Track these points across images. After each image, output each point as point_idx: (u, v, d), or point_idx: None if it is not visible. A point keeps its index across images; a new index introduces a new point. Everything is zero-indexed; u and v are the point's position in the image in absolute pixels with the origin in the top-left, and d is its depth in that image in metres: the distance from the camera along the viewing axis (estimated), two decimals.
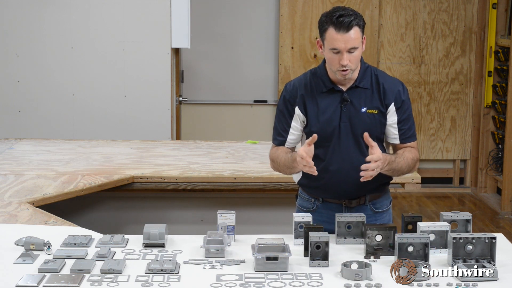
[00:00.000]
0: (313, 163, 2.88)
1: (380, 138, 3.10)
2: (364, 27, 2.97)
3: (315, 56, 7.19)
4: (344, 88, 3.05)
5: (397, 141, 3.09)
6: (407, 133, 3.09)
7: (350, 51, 2.92)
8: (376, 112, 3.04)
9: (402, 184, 4.30)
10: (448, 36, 7.32)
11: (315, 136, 2.91)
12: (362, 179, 2.89)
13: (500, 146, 7.17)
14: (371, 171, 2.87)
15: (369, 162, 2.87)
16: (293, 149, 3.18)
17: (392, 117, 3.06)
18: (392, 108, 3.05)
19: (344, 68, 2.94)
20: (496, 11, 7.10)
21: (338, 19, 2.90)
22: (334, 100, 3.05)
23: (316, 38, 7.13)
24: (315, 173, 2.89)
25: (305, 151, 2.89)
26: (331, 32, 2.92)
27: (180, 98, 6.49)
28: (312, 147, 2.91)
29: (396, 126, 3.07)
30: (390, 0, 7.23)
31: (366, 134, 2.91)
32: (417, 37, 7.31)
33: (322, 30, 2.96)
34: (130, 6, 5.82)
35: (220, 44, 7.29)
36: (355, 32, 2.91)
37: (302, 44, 7.19)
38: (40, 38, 5.82)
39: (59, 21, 5.81)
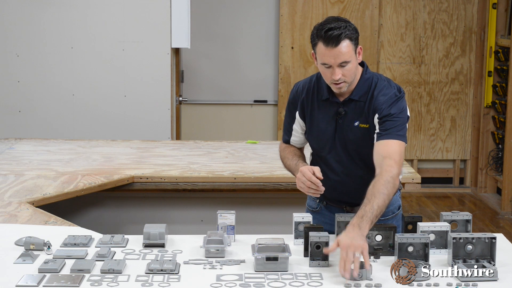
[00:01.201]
0: (322, 188, 2.85)
1: (371, 153, 2.93)
2: (357, 39, 2.84)
3: None
4: (341, 99, 2.98)
5: (375, 140, 2.88)
6: (385, 128, 2.85)
7: (341, 65, 2.83)
8: (367, 126, 2.94)
9: (402, 184, 4.30)
10: (448, 36, 7.32)
11: (320, 177, 2.85)
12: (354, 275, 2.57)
13: (500, 146, 7.17)
14: (351, 266, 2.56)
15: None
16: (302, 149, 3.17)
17: (376, 122, 2.91)
18: (376, 118, 2.91)
19: (337, 82, 2.87)
20: (496, 11, 7.10)
21: (327, 33, 2.78)
22: (330, 111, 2.99)
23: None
24: (316, 194, 2.88)
25: (310, 171, 2.85)
26: (320, 47, 2.82)
27: (180, 98, 6.49)
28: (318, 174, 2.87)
29: (378, 126, 2.89)
30: (390, 0, 7.23)
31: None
32: (417, 37, 7.31)
33: (313, 44, 2.87)
34: (130, 6, 5.82)
35: (220, 44, 7.29)
36: (345, 45, 2.80)
37: (302, 44, 7.19)
38: (40, 38, 5.82)
39: (59, 21, 5.81)
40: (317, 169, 2.86)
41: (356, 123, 2.95)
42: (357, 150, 2.98)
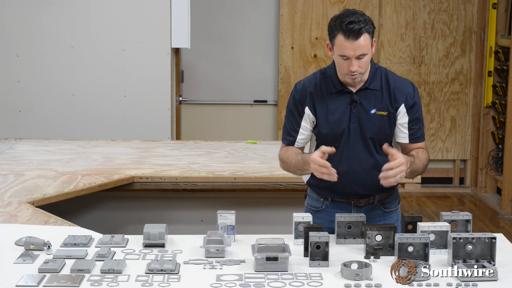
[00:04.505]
0: (333, 170, 2.86)
1: (389, 139, 3.10)
2: (373, 32, 2.96)
3: (315, 56, 7.19)
4: (353, 90, 3.05)
5: (406, 141, 3.08)
6: (417, 133, 3.09)
7: (359, 57, 2.92)
8: (385, 113, 3.04)
9: (402, 184, 4.30)
10: (448, 36, 7.32)
11: (333, 149, 2.91)
12: (382, 183, 2.86)
13: (500, 146, 7.17)
14: (393, 178, 2.84)
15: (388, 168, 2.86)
16: (302, 149, 3.18)
17: (403, 118, 3.06)
18: (402, 109, 3.05)
19: (353, 74, 2.95)
20: (496, 11, 7.11)
21: (348, 26, 2.88)
22: (343, 101, 3.06)
23: (316, 39, 7.18)
24: (335, 178, 2.87)
25: (319, 156, 2.88)
26: (340, 39, 2.91)
27: (180, 98, 6.49)
28: (326, 155, 2.90)
29: (406, 125, 3.07)
30: (390, 0, 7.23)
31: (385, 146, 2.92)
32: (417, 37, 7.31)
33: (332, 36, 2.95)
34: (130, 6, 5.82)
35: (220, 44, 7.29)
36: (364, 39, 2.89)
37: (302, 44, 7.19)
38: (40, 38, 5.82)
39: (59, 21, 5.81)
40: (323, 148, 2.91)
41: (373, 111, 3.04)
42: (372, 137, 3.05)
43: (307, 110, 3.09)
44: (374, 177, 3.02)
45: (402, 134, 3.09)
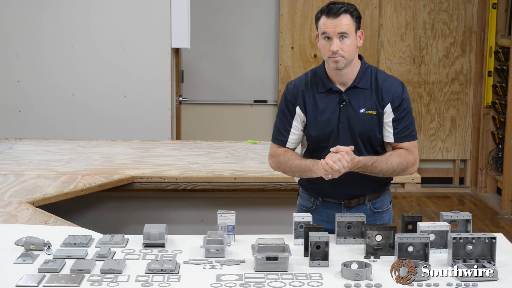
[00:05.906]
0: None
1: (379, 139, 3.09)
2: (358, 18, 3.00)
3: (315, 56, 7.19)
4: (342, 89, 3.06)
5: (391, 140, 3.07)
6: (402, 132, 3.06)
7: (341, 37, 2.94)
8: (374, 113, 3.04)
9: (402, 184, 4.30)
10: (448, 36, 7.32)
11: (352, 147, 2.93)
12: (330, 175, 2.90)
13: (500, 146, 7.17)
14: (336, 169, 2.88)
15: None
16: (294, 149, 3.17)
17: (389, 117, 3.05)
18: (388, 108, 3.04)
19: (335, 56, 2.95)
20: (496, 11, 7.11)
21: (329, 6, 2.98)
22: (332, 100, 3.06)
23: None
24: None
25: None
26: (322, 19, 2.99)
27: (180, 98, 6.49)
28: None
29: (391, 124, 3.05)
30: (390, 0, 7.23)
31: (336, 148, 2.92)
32: (417, 37, 7.31)
33: (317, 21, 3.03)
34: (130, 6, 5.82)
35: (220, 44, 7.29)
36: (345, 18, 2.95)
37: (302, 44, 7.19)
38: (40, 38, 5.82)
39: (59, 21, 5.81)
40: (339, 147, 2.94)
41: (362, 110, 3.04)
42: (362, 136, 3.05)
43: (298, 110, 3.10)
44: (363, 177, 3.03)
45: (388, 133, 3.07)
